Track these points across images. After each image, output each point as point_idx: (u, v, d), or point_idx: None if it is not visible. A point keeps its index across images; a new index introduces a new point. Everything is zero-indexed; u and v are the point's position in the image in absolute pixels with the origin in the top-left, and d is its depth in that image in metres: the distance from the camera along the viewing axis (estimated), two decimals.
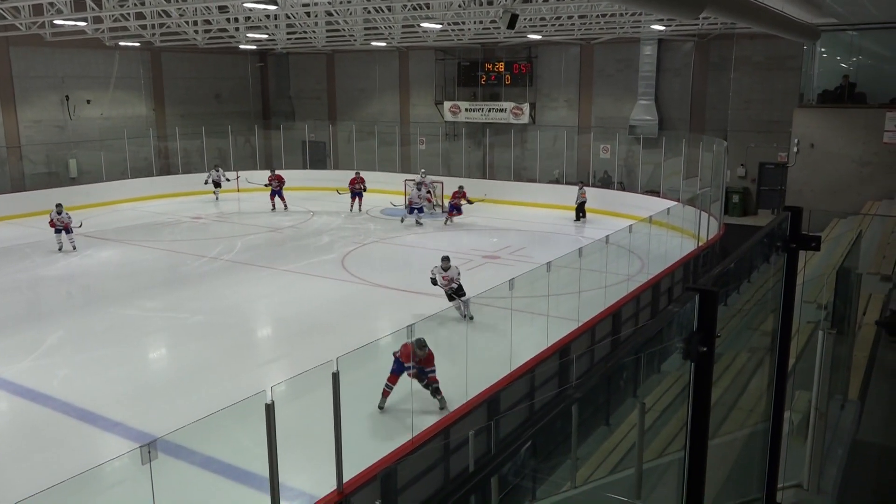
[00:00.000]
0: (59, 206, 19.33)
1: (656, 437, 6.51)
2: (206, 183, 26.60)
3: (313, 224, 23.01)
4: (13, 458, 8.64)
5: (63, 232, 19.23)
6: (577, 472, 6.67)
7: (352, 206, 24.71)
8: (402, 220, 22.79)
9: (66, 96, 27.78)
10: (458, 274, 13.13)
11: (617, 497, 4.96)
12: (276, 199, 25.05)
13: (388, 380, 9.37)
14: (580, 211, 23.25)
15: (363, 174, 25.93)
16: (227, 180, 26.88)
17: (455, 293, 12.89)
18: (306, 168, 31.15)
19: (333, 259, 18.30)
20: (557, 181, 27.23)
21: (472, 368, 8.94)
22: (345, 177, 29.61)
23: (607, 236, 13.78)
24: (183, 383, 10.84)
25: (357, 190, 24.89)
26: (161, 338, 13.24)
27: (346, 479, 6.48)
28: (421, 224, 22.58)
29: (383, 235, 21.55)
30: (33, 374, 11.05)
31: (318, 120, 33.28)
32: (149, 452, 5.39)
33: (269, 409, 5.67)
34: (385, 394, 9.41)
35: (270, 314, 14.67)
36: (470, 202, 22.72)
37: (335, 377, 6.13)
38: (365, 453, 7.11)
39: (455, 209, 22.69)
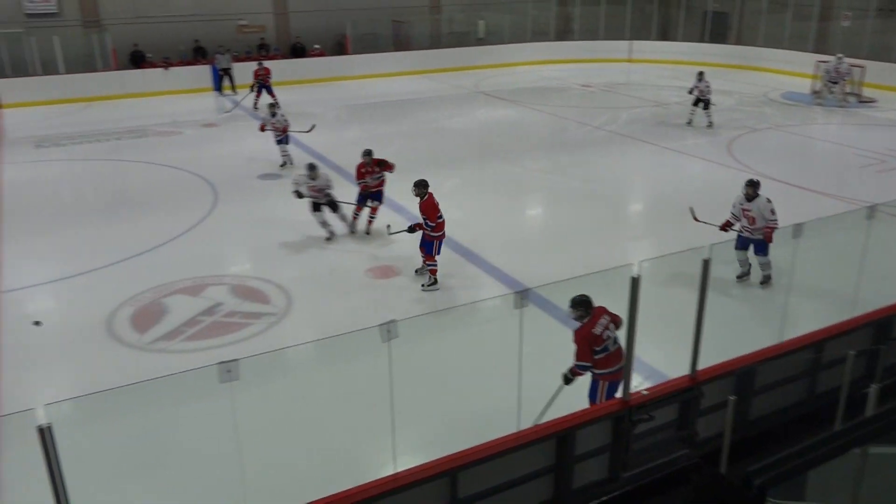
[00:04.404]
0: (272, 105, 14.51)
1: None
2: (690, 92, 18.65)
3: None
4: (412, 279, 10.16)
5: (283, 141, 14.60)
6: None
7: None
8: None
9: None
10: (330, 184, 11.08)
11: None
12: (262, 93, 20.62)
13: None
14: None
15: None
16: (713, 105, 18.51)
17: (329, 206, 11.16)
18: (703, 41, 29.12)
19: (719, 142, 17.22)
20: None
21: (864, 284, 7.89)
22: (751, 53, 27.14)
23: None
24: (555, 242, 11.49)
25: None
26: (540, 197, 14.07)
27: (699, 367, 6.35)
28: None
29: (780, 122, 19.53)
30: None
31: None
32: (521, 299, 5.86)
33: (635, 283, 5.70)
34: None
35: (645, 190, 14.55)
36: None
37: (706, 264, 5.89)
38: (722, 348, 6.84)
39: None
